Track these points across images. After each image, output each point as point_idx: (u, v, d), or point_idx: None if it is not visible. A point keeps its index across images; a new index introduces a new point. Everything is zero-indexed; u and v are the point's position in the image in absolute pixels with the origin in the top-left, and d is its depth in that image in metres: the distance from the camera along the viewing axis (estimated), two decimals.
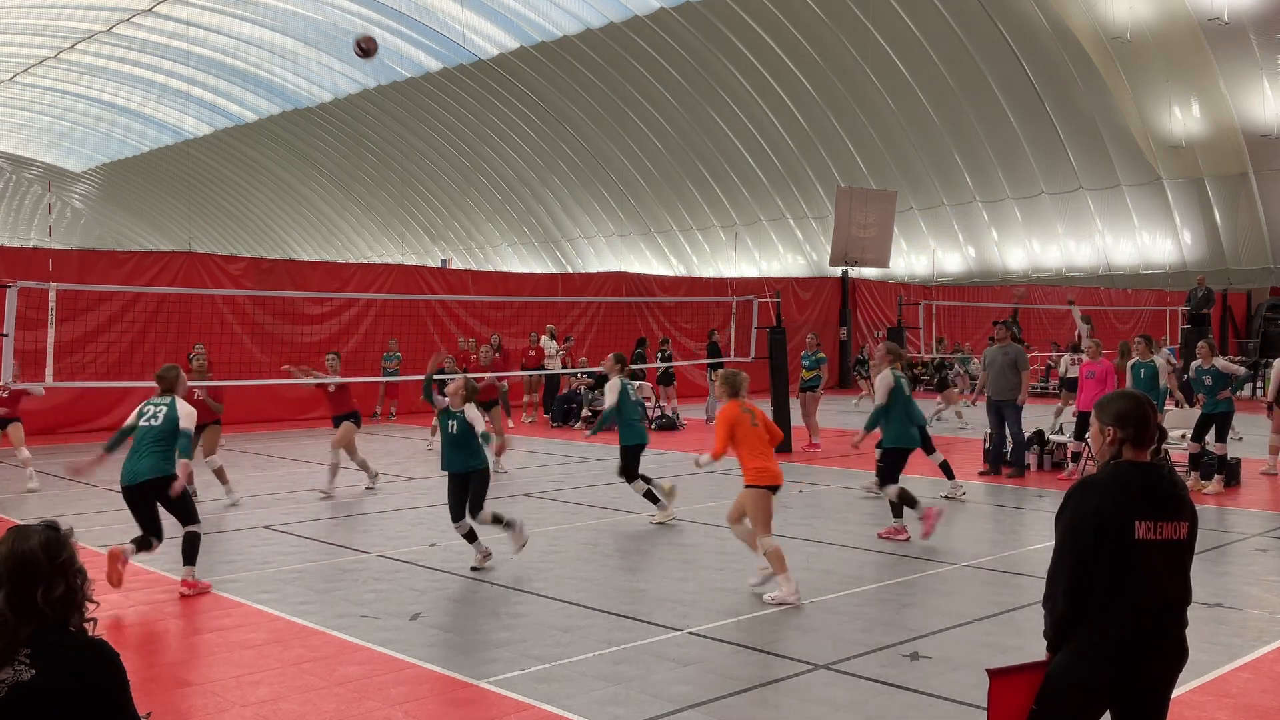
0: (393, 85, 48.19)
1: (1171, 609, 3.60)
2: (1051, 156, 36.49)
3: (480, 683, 6.02)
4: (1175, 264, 36.56)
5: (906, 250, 41.98)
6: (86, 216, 79.49)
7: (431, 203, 56.67)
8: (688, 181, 46.13)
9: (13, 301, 12.13)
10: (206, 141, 59.01)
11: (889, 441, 10.07)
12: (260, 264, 22.60)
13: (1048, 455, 14.94)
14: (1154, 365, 13.62)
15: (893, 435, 10.07)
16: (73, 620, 2.76)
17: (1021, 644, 6.59)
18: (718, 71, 39.84)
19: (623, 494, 12.82)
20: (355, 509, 11.74)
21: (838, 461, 15.88)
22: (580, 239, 52.68)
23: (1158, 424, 3.73)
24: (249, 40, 46.80)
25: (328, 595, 8.03)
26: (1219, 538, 10.15)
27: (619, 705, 5.67)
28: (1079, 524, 3.56)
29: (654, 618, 7.33)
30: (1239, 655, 6.57)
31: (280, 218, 65.30)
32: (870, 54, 35.95)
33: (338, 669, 6.29)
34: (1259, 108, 31.72)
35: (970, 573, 8.77)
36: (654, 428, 20.52)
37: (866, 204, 30.32)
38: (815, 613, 7.49)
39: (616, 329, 26.57)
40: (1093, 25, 32.22)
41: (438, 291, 24.18)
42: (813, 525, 10.79)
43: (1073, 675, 3.55)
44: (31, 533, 2.76)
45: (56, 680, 2.66)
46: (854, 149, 40.22)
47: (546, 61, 42.75)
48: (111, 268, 20.08)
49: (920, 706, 5.67)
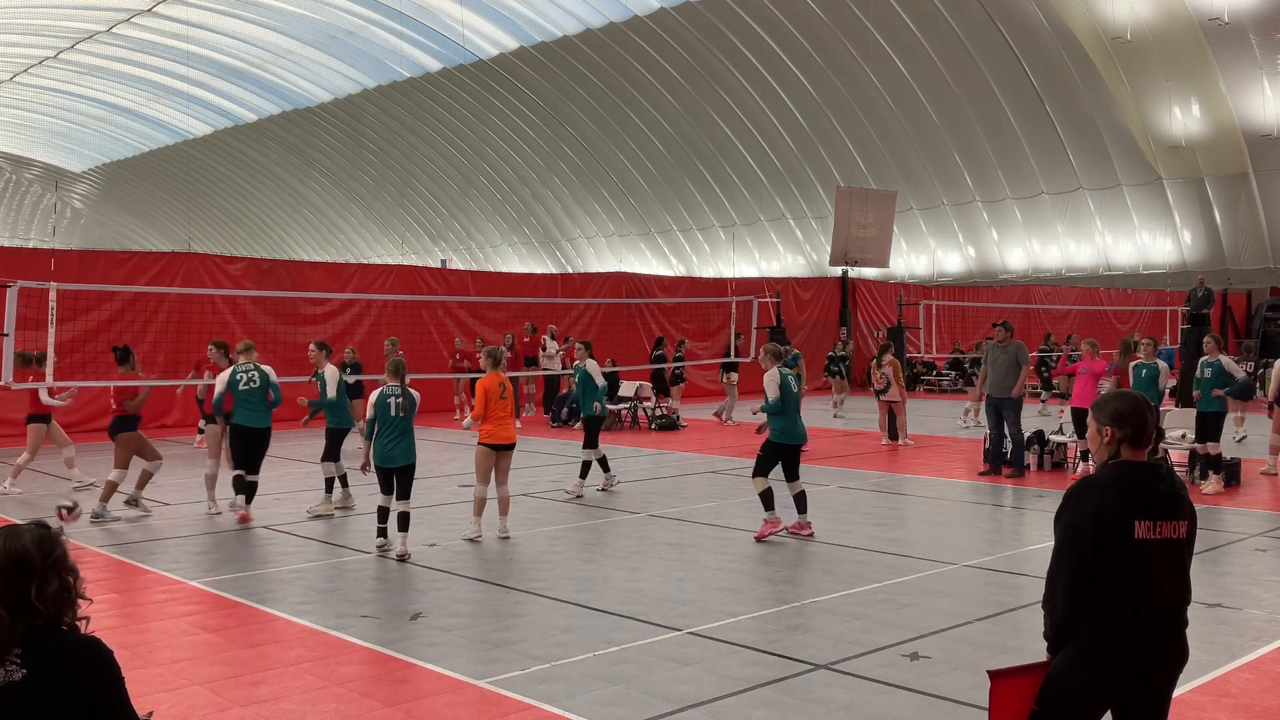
0: (393, 85, 48.20)
1: (1172, 608, 3.60)
2: (1051, 156, 36.49)
3: (480, 683, 6.02)
4: (1175, 264, 36.56)
5: (906, 250, 41.97)
6: (86, 216, 79.51)
7: (431, 203, 56.67)
8: (688, 181, 46.13)
9: (13, 301, 12.13)
10: (206, 141, 59.02)
11: (775, 436, 10.17)
12: (260, 264, 22.59)
13: (1048, 455, 14.94)
14: (1156, 367, 13.63)
15: (778, 430, 10.14)
16: (65, 618, 2.76)
17: (1021, 644, 6.59)
18: (718, 71, 39.84)
19: (622, 493, 12.83)
20: (355, 509, 11.73)
21: (838, 461, 15.88)
22: (580, 239, 52.68)
23: (1156, 424, 3.73)
24: (249, 40, 46.80)
25: (328, 595, 8.03)
26: (1219, 538, 10.15)
27: (619, 705, 5.67)
28: (1078, 524, 3.56)
29: (654, 618, 7.33)
30: (1239, 655, 6.57)
31: (280, 218, 65.30)
32: (870, 54, 35.95)
33: (338, 669, 6.29)
34: (1259, 108, 31.72)
35: (970, 573, 8.77)
36: (654, 428, 20.56)
37: (866, 204, 30.33)
38: (815, 613, 7.49)
39: (616, 329, 26.57)
40: (1093, 25, 32.22)
41: (438, 292, 24.18)
42: (813, 525, 10.78)
43: (1073, 676, 3.55)
44: (23, 531, 2.77)
45: (49, 680, 2.65)
46: (854, 149, 40.22)
47: (546, 61, 42.75)
48: (111, 268, 20.08)
49: (920, 706, 5.67)
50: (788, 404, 10.08)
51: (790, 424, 10.13)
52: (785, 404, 10.05)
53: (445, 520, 11.05)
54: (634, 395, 21.69)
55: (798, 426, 10.21)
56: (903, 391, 18.27)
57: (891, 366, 18.06)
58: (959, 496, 12.96)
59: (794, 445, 10.19)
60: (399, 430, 9.48)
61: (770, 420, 10.21)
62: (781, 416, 10.08)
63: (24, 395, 13.46)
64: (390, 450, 9.45)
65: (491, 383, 10.11)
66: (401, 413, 9.49)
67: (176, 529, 10.71)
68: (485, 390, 10.06)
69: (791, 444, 10.16)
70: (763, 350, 10.52)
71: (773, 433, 10.16)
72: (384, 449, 9.47)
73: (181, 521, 11.13)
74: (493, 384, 10.11)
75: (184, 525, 10.93)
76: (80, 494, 12.48)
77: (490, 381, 10.12)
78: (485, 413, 10.09)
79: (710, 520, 10.96)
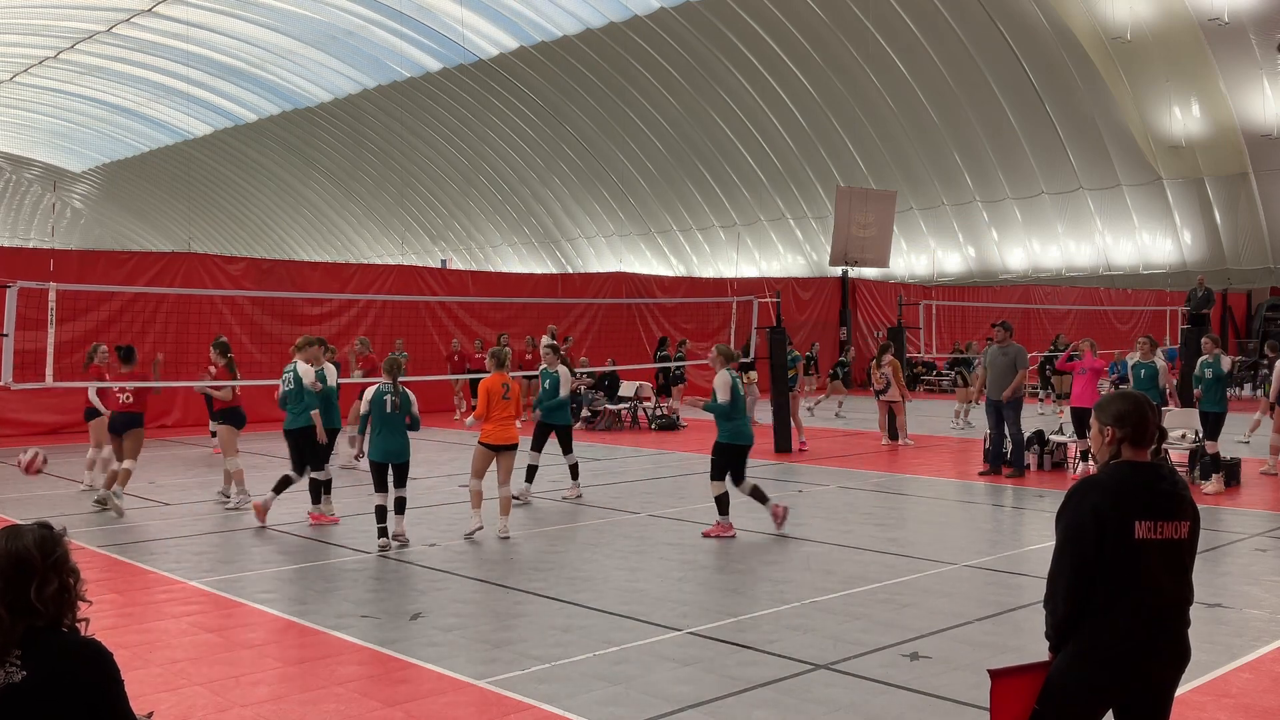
0: (393, 85, 48.19)
1: (1172, 609, 3.59)
2: (1051, 156, 36.48)
3: (480, 683, 6.02)
4: (1175, 264, 36.55)
5: (906, 250, 41.97)
6: (86, 216, 79.50)
7: (431, 203, 56.67)
8: (688, 181, 46.13)
9: (13, 301, 12.12)
10: (206, 141, 59.01)
11: (725, 438, 10.29)
12: (260, 264, 22.59)
13: (1048, 455, 14.94)
14: (1154, 366, 13.65)
15: (729, 432, 10.27)
16: (65, 619, 2.76)
17: (1022, 644, 6.59)
18: (718, 71, 39.83)
19: (622, 494, 12.84)
20: (355, 509, 11.73)
21: (838, 461, 15.88)
22: (580, 239, 52.68)
23: (1158, 424, 3.72)
24: (249, 40, 46.79)
25: (328, 595, 8.03)
26: (1219, 538, 10.15)
27: (619, 705, 5.67)
28: (1079, 524, 3.56)
29: (654, 618, 7.32)
30: (1239, 655, 6.57)
31: (280, 218, 65.28)
32: (870, 54, 35.94)
33: (338, 669, 6.29)
34: (1259, 108, 31.72)
35: (970, 573, 8.77)
36: (654, 428, 20.56)
37: (866, 204, 30.33)
38: (815, 613, 7.49)
39: (616, 329, 26.57)
40: (1093, 25, 32.22)
41: (438, 292, 24.18)
42: (813, 525, 10.79)
43: (1074, 676, 3.54)
44: (25, 531, 2.77)
45: (49, 680, 2.65)
46: (854, 149, 40.22)
47: (546, 61, 42.74)
48: (111, 268, 20.07)
49: (920, 706, 5.67)
50: (736, 406, 10.25)
51: (740, 426, 10.31)
52: (735, 406, 10.21)
53: (445, 520, 11.06)
54: (634, 395, 21.69)
55: (746, 428, 10.41)
56: (903, 391, 18.27)
57: (891, 366, 18.06)
58: (959, 496, 12.97)
59: (744, 446, 10.39)
60: (394, 426, 9.71)
61: (719, 423, 10.33)
62: (730, 420, 10.23)
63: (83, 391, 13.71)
64: (386, 446, 9.71)
65: (494, 383, 10.28)
66: (396, 409, 9.72)
67: (176, 529, 10.71)
68: (487, 390, 10.24)
69: (741, 445, 10.35)
70: (713, 351, 10.73)
71: (723, 435, 10.30)
72: (381, 445, 9.72)
73: (181, 521, 11.13)
74: (495, 384, 10.27)
75: (184, 525, 10.93)
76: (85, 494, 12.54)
77: (493, 382, 10.29)
78: (486, 413, 10.26)
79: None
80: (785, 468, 15.24)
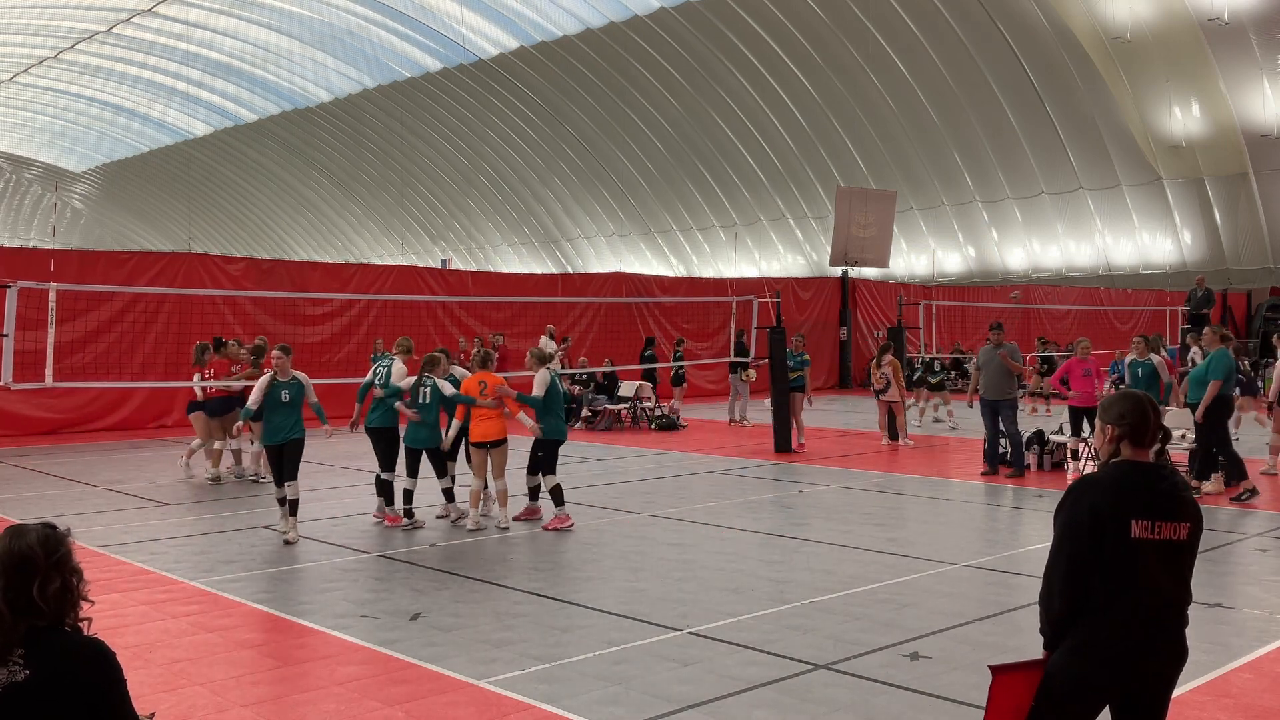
0: (393, 85, 48.20)
1: (1170, 608, 3.59)
2: (1051, 156, 36.48)
3: (480, 683, 6.02)
4: (1175, 264, 36.55)
5: (906, 250, 41.97)
6: (86, 216, 79.52)
7: (431, 203, 56.68)
8: (688, 181, 46.13)
9: (13, 301, 12.13)
10: (206, 141, 59.02)
11: (546, 433, 10.91)
12: (260, 264, 22.59)
13: (1048, 455, 14.94)
14: (1151, 364, 13.66)
15: (548, 428, 10.88)
16: (68, 619, 2.76)
17: (1021, 644, 6.59)
18: (718, 71, 39.83)
19: (622, 493, 12.84)
20: (355, 509, 11.74)
21: (839, 461, 15.88)
22: (580, 239, 52.68)
23: (1159, 423, 3.72)
24: (249, 40, 46.81)
25: (328, 595, 8.03)
26: (1219, 538, 10.15)
27: (619, 705, 5.67)
28: (1075, 522, 3.56)
29: (654, 618, 7.33)
30: (1239, 655, 6.57)
31: (280, 218, 65.29)
32: (870, 54, 35.95)
33: (338, 669, 6.29)
34: (1259, 108, 31.72)
35: (970, 573, 8.77)
36: (654, 427, 20.55)
37: (866, 204, 30.32)
38: (815, 613, 7.49)
39: (616, 329, 26.57)
40: (1093, 25, 32.22)
41: (438, 292, 24.18)
42: (813, 525, 10.79)
43: (1071, 674, 3.55)
44: (28, 530, 2.78)
45: (51, 680, 2.66)
46: (854, 149, 40.22)
47: (546, 61, 42.75)
48: (112, 268, 20.07)
49: (920, 706, 5.67)
50: (552, 402, 10.93)
51: (557, 421, 10.96)
52: (550, 403, 10.90)
53: (445, 520, 11.08)
54: (634, 395, 21.69)
55: (563, 423, 11.12)
56: (902, 391, 18.27)
57: (891, 366, 18.06)
58: (959, 496, 12.97)
59: (559, 440, 10.97)
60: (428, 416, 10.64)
61: (541, 419, 10.96)
62: (548, 415, 10.92)
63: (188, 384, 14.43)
64: (416, 433, 10.70)
65: (470, 383, 10.75)
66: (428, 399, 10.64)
67: (177, 529, 10.72)
68: (465, 392, 10.78)
69: (557, 439, 10.93)
70: (530, 354, 11.34)
71: (545, 430, 10.92)
72: (414, 431, 10.72)
73: (182, 521, 11.14)
74: (471, 384, 10.73)
75: (184, 525, 10.94)
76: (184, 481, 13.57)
77: (469, 383, 10.78)
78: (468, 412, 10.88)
79: (710, 520, 10.96)
80: (785, 468, 15.24)
